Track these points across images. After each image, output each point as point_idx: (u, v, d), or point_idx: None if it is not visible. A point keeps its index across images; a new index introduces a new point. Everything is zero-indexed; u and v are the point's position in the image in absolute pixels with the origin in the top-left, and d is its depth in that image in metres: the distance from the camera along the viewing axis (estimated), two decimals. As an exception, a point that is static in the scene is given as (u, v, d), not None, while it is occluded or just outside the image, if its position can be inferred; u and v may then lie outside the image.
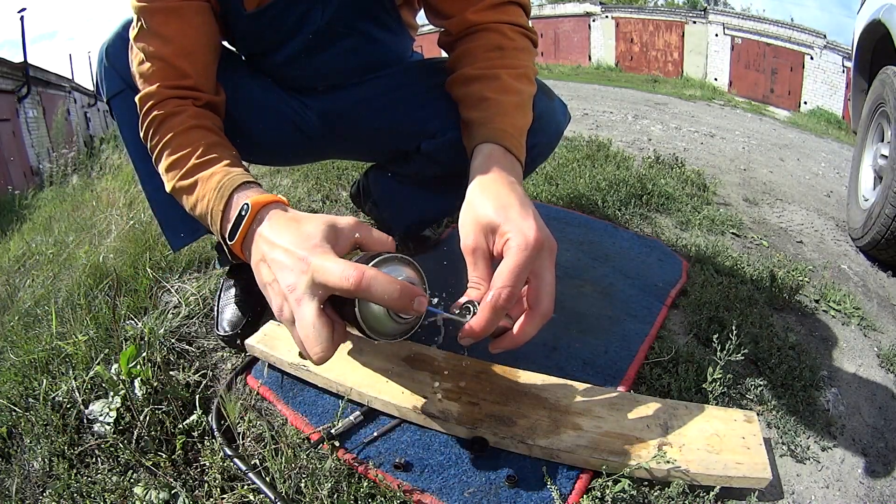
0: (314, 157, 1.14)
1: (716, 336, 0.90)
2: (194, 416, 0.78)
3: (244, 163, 0.75)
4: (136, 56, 0.74)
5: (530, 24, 0.80)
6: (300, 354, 0.57)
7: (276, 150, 1.01)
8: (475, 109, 0.71)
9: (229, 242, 0.61)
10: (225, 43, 0.91)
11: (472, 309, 0.58)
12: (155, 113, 0.72)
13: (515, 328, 0.61)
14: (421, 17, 1.01)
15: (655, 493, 0.67)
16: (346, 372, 0.82)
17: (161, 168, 0.72)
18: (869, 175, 1.95)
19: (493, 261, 0.60)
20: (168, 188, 0.71)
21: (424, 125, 0.92)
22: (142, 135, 0.75)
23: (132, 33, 0.74)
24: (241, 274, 1.04)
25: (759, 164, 2.96)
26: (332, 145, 1.02)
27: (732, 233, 1.65)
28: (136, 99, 0.73)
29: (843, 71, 9.83)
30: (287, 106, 0.93)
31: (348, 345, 0.88)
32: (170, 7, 0.72)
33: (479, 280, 0.60)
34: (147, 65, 0.73)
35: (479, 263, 0.60)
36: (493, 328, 0.57)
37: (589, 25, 13.49)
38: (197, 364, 0.91)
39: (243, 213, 0.60)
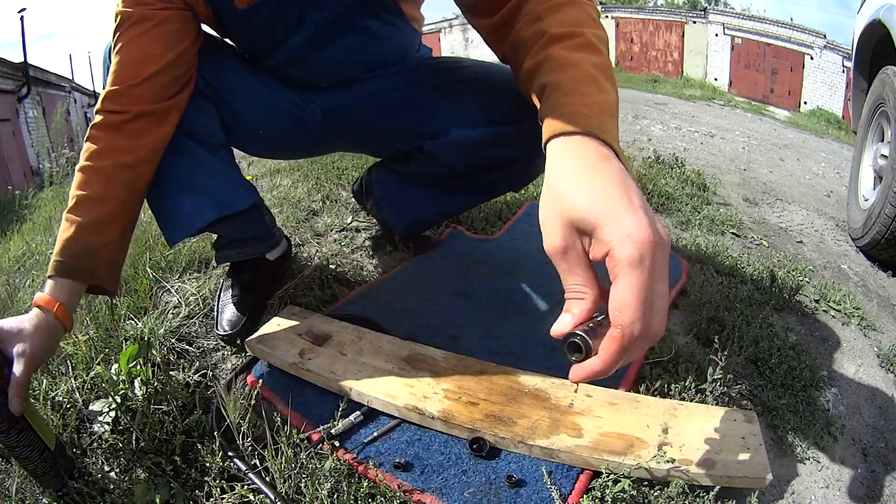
0: (317, 152, 1.15)
1: (717, 337, 0.90)
2: (194, 416, 0.78)
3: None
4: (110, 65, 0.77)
5: None
6: None
7: (278, 145, 1.02)
8: (541, 103, 0.57)
9: None
10: (227, 40, 0.91)
11: (581, 346, 0.45)
12: (89, 129, 0.76)
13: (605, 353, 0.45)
14: (426, 11, 1.00)
15: (655, 493, 0.66)
16: (346, 372, 0.82)
17: None
18: (869, 175, 1.95)
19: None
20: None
21: (428, 125, 0.91)
22: None
23: (113, 42, 0.77)
24: (242, 273, 1.04)
25: (759, 164, 2.96)
26: (335, 141, 1.03)
27: (732, 233, 1.65)
28: None
29: (843, 71, 9.83)
30: (290, 101, 0.94)
31: (348, 345, 0.89)
32: (142, 14, 0.74)
33: (580, 288, 0.46)
34: (110, 76, 0.76)
35: (577, 268, 0.46)
36: (617, 367, 0.44)
37: (589, 25, 13.47)
38: (197, 364, 0.91)
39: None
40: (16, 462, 0.67)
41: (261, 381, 0.85)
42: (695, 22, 12.12)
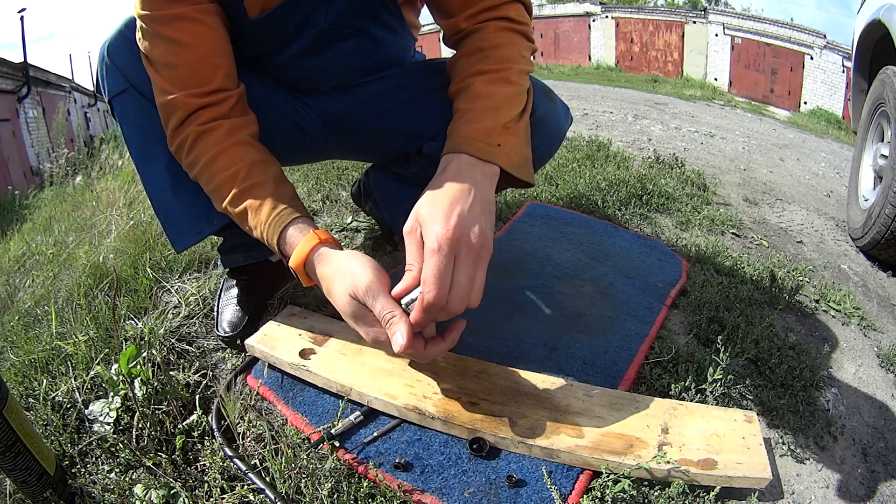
0: (316, 158, 1.14)
1: (719, 338, 0.90)
2: (194, 416, 0.78)
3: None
4: (151, 64, 0.74)
5: (527, 19, 0.79)
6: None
7: (276, 150, 1.01)
8: (452, 122, 0.74)
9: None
10: None
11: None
12: (190, 129, 0.74)
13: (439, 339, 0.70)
14: (423, 17, 1.01)
15: (655, 493, 0.67)
16: (346, 372, 0.82)
17: (207, 189, 0.77)
18: (869, 175, 1.95)
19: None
20: (218, 208, 0.77)
21: (427, 127, 0.91)
22: (172, 148, 0.77)
23: (141, 43, 0.74)
24: (242, 274, 1.04)
25: (759, 164, 2.96)
26: (334, 146, 1.02)
27: (732, 233, 1.65)
28: (159, 106, 0.75)
29: (843, 71, 9.83)
30: (289, 106, 0.93)
31: (348, 345, 0.89)
32: (180, 13, 0.72)
33: (411, 262, 0.65)
34: (167, 72, 0.73)
35: (411, 247, 0.65)
36: (427, 324, 0.66)
37: (589, 25, 13.49)
38: (197, 364, 0.91)
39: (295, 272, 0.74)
40: (13, 485, 0.66)
41: (261, 381, 0.85)
42: (695, 22, 12.13)
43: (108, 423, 0.77)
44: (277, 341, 0.88)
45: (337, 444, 0.73)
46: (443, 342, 0.70)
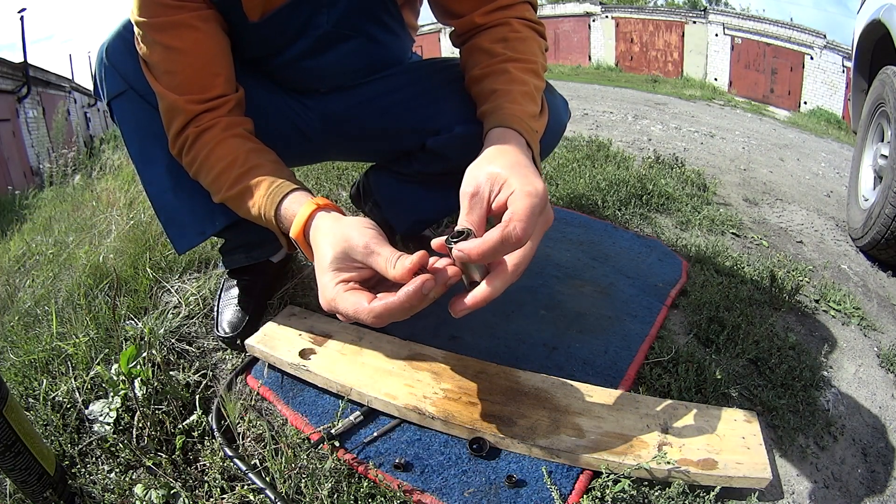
0: (315, 159, 1.14)
1: (720, 338, 0.90)
2: (194, 416, 0.78)
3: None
4: (150, 69, 0.74)
5: (538, 19, 0.81)
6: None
7: (276, 151, 1.01)
8: (486, 102, 0.73)
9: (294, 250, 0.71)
10: None
11: (469, 235, 0.57)
12: (189, 131, 0.74)
13: (485, 283, 0.58)
14: (421, 18, 1.01)
15: (655, 493, 0.67)
16: (346, 372, 0.82)
17: (206, 181, 0.76)
18: (869, 175, 1.95)
19: (489, 215, 0.60)
20: (216, 199, 0.76)
21: (429, 123, 0.92)
22: (174, 152, 0.78)
23: (139, 48, 0.74)
24: (243, 274, 1.04)
25: (759, 164, 2.96)
26: (334, 147, 1.02)
27: (732, 233, 1.65)
28: (161, 110, 0.75)
29: (843, 71, 9.83)
30: (288, 107, 0.93)
31: (348, 345, 0.89)
32: (177, 21, 0.71)
33: (471, 226, 0.58)
34: (167, 78, 0.73)
35: (476, 210, 0.59)
36: (489, 259, 0.55)
37: (589, 25, 13.49)
38: (197, 364, 0.91)
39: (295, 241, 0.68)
40: (13, 485, 0.66)
41: (261, 381, 0.85)
42: (695, 22, 12.12)
43: (108, 423, 0.77)
44: (277, 341, 0.88)
45: (337, 444, 0.73)
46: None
